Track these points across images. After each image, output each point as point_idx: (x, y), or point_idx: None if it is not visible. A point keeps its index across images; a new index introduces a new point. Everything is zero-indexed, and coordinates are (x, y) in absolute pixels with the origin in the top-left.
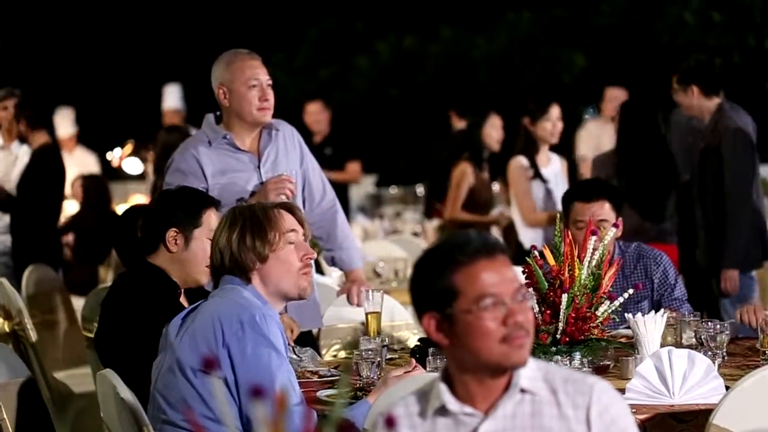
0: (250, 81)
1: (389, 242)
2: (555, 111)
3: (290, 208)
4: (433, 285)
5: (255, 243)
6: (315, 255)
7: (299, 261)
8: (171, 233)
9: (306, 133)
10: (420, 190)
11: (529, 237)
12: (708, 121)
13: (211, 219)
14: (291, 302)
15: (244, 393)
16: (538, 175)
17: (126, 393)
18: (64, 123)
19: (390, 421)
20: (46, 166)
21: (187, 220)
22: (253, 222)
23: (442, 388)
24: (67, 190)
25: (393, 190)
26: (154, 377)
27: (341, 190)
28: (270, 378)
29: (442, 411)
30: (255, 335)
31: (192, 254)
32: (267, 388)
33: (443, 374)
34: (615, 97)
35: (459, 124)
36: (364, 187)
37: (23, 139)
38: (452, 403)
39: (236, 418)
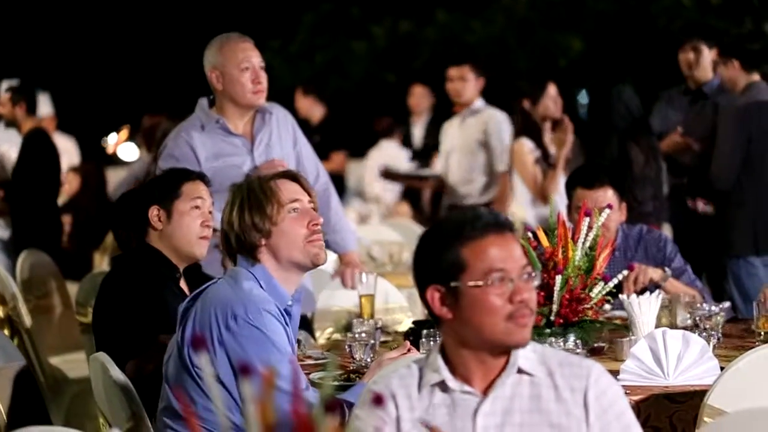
0: (243, 64)
1: (385, 226)
2: (552, 89)
3: (293, 176)
4: (440, 258)
5: (254, 219)
6: (321, 220)
7: (305, 229)
8: (152, 211)
9: (298, 120)
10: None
11: (532, 214)
12: (739, 94)
13: (191, 189)
14: None
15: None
16: (545, 157)
17: (118, 374)
18: (42, 103)
19: (378, 399)
20: (39, 151)
21: (165, 193)
22: (251, 198)
23: (441, 363)
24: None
25: None
26: (164, 364)
27: (336, 175)
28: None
29: (440, 386)
30: (250, 329)
31: (177, 226)
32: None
33: (440, 350)
34: None
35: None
36: (359, 171)
37: (9, 124)
38: (451, 381)
39: (229, 410)
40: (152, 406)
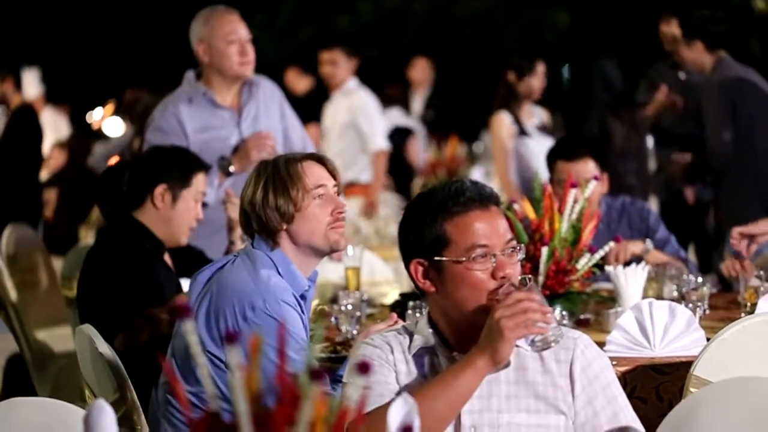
0: (230, 36)
1: None
2: (541, 68)
3: (320, 159)
4: (423, 232)
5: (278, 201)
6: (346, 208)
7: (329, 216)
8: (160, 189)
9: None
10: None
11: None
12: (710, 73)
13: (200, 182)
14: None
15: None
16: (522, 132)
17: (104, 347)
18: (31, 84)
19: (364, 367)
20: (25, 127)
21: (179, 178)
22: (276, 179)
23: (429, 330)
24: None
25: None
26: (173, 338)
27: None
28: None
29: (429, 352)
30: (266, 319)
31: (177, 214)
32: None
33: (428, 318)
34: None
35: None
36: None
37: None
38: (439, 348)
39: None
40: (140, 378)
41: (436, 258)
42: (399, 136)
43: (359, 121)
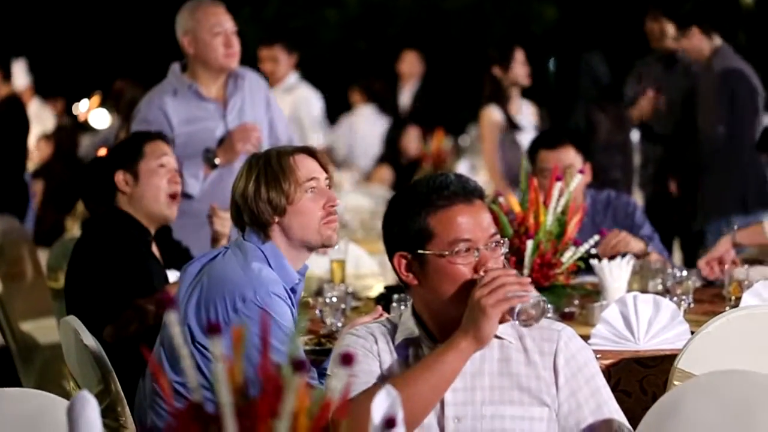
0: (215, 28)
1: (358, 193)
2: (520, 55)
3: (311, 152)
4: (407, 225)
5: (270, 194)
6: (338, 202)
7: (321, 209)
8: (119, 176)
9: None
10: None
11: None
12: (708, 61)
13: (154, 149)
14: None
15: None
16: (512, 125)
17: (89, 339)
18: (18, 75)
19: (347, 358)
20: (12, 118)
21: (128, 156)
22: (268, 172)
23: (413, 322)
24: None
25: None
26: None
27: None
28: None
29: (413, 343)
30: (257, 311)
31: (145, 186)
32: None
33: (412, 310)
34: None
35: None
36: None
37: None
38: (424, 339)
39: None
40: (126, 369)
41: (420, 251)
42: (394, 129)
43: (301, 114)
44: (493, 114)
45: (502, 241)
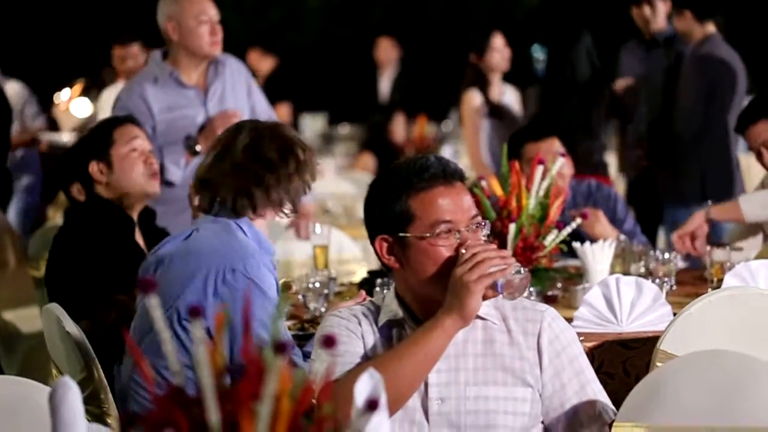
0: (200, 16)
1: (340, 180)
2: (498, 39)
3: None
4: (388, 208)
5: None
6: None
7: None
8: (92, 167)
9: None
10: None
11: None
12: (697, 45)
13: (126, 132)
14: None
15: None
16: (493, 110)
17: (71, 326)
18: None
19: (329, 341)
20: None
21: (98, 145)
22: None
23: (396, 304)
24: None
25: (343, 129)
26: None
27: None
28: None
29: (396, 325)
30: (246, 282)
31: (121, 173)
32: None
33: (395, 293)
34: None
35: None
36: (315, 126)
37: None
38: (407, 320)
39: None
40: (108, 357)
41: (401, 234)
42: (377, 116)
43: None
44: (473, 98)
45: (483, 223)
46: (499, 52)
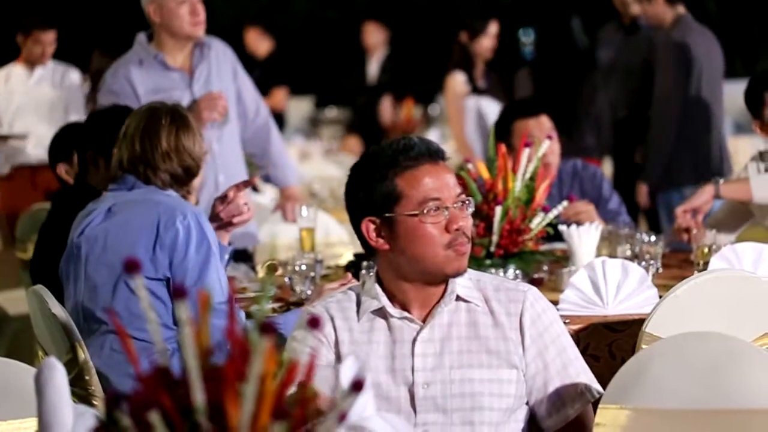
0: None
1: (327, 162)
2: (494, 28)
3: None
4: (373, 189)
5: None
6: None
7: None
8: (90, 155)
9: (245, 57)
10: None
11: None
12: (668, 30)
13: None
14: None
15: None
16: (476, 90)
17: (57, 309)
18: None
19: (314, 321)
20: None
21: (101, 140)
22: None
23: (379, 291)
24: None
25: (330, 112)
26: (80, 291)
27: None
28: (205, 278)
29: (379, 313)
30: (196, 225)
31: None
32: (202, 288)
33: (376, 279)
34: None
35: None
36: (302, 109)
37: None
38: (390, 307)
39: (169, 318)
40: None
41: (388, 214)
42: (365, 99)
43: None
44: (457, 80)
45: (468, 201)
46: (491, 39)
